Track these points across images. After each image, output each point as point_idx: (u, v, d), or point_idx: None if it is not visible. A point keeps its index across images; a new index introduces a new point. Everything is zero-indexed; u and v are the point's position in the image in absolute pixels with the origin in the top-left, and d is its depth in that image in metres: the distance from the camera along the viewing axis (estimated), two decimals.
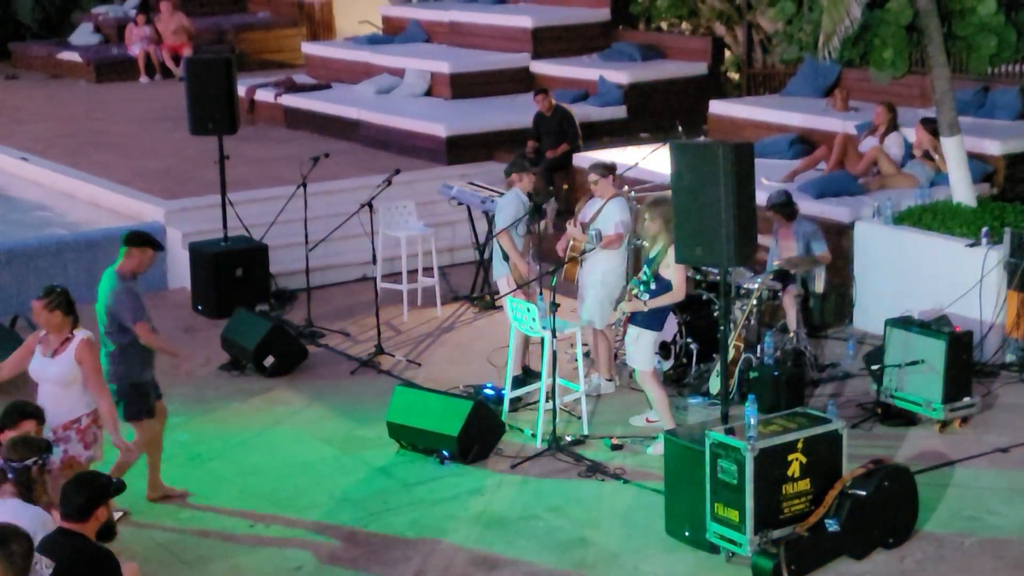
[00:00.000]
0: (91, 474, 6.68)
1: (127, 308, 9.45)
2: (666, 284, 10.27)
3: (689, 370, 11.73)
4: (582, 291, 11.56)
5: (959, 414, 10.73)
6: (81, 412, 8.76)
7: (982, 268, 11.87)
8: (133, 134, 20.22)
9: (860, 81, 16.73)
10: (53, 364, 8.80)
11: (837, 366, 12.05)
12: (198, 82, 14.14)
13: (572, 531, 9.24)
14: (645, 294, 10.32)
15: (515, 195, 11.79)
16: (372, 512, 9.58)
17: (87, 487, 6.49)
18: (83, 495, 6.44)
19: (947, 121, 12.92)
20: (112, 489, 6.59)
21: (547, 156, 16.35)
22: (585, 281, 11.49)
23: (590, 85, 18.99)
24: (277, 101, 20.81)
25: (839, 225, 13.34)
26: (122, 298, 9.49)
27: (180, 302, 14.51)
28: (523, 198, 11.76)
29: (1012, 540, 8.91)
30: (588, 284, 11.45)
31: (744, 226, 8.75)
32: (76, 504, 6.41)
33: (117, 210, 16.21)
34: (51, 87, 25.38)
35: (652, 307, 10.29)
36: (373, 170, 16.48)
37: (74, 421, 8.72)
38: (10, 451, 7.23)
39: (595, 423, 10.95)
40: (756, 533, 8.42)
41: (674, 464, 9.00)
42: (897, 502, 8.81)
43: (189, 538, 9.27)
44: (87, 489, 6.48)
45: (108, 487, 6.55)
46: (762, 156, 14.00)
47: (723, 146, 8.79)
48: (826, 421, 8.80)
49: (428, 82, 19.90)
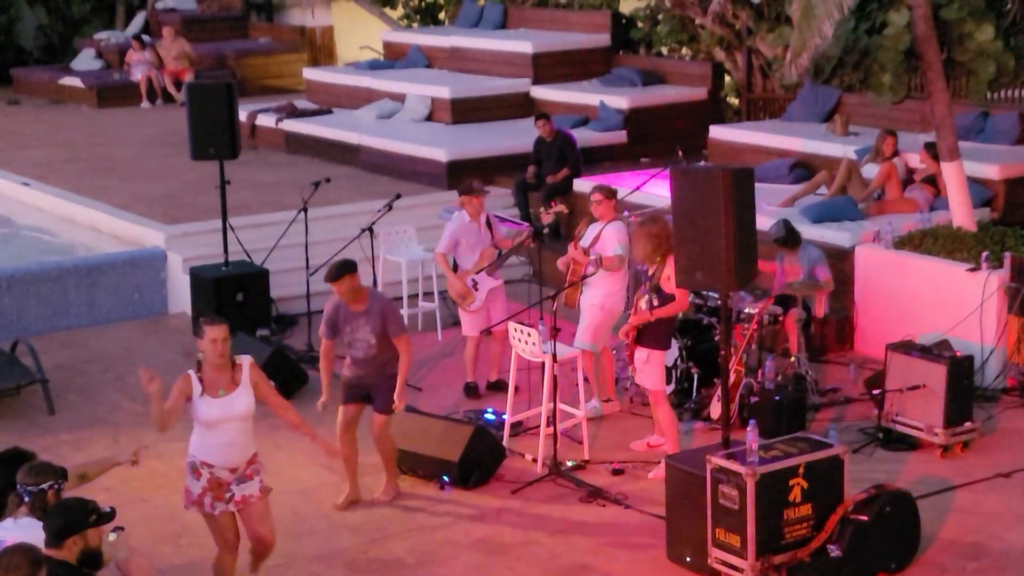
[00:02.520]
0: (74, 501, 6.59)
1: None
2: (668, 297, 10.26)
3: (690, 395, 11.72)
4: (583, 315, 11.57)
5: (960, 439, 10.72)
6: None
7: (982, 293, 11.87)
8: (134, 159, 20.26)
9: (860, 106, 16.75)
10: (238, 397, 8.26)
11: (838, 390, 12.04)
12: (199, 107, 14.17)
13: (573, 556, 9.22)
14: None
15: (458, 216, 12.35)
16: (372, 539, 9.56)
17: (63, 514, 6.43)
18: (58, 521, 6.39)
19: (947, 146, 12.94)
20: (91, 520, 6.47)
21: (548, 181, 16.37)
22: (585, 305, 11.51)
23: (591, 110, 19.03)
24: (278, 126, 20.84)
25: (840, 249, 13.35)
26: None
27: (181, 327, 14.51)
28: (466, 219, 12.25)
29: (1014, 566, 8.89)
30: (587, 308, 11.48)
31: (744, 251, 8.76)
32: (51, 530, 6.37)
33: (118, 235, 16.23)
34: (53, 112, 25.43)
35: (657, 316, 10.26)
36: (374, 195, 16.50)
37: (255, 453, 8.43)
38: (26, 476, 7.23)
39: (596, 448, 10.94)
40: (757, 558, 8.40)
41: (675, 489, 8.99)
42: (899, 527, 8.80)
43: (188, 564, 9.24)
44: (62, 517, 6.42)
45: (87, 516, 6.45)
46: (762, 181, 14.01)
47: (723, 171, 8.80)
48: (827, 446, 8.79)
49: (429, 107, 19.94)
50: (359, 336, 9.89)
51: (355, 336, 9.91)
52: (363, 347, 9.91)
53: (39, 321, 14.41)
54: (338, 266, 9.94)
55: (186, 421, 8.37)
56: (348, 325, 9.92)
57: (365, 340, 9.88)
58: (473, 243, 12.24)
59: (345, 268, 9.92)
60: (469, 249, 12.23)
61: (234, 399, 8.17)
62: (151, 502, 10.22)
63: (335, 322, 9.97)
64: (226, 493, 8.21)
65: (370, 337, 9.86)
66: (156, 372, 8.08)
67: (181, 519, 9.92)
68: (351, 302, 9.90)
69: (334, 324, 9.98)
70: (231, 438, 8.20)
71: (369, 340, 9.87)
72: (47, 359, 12.82)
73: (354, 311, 9.90)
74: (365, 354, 9.92)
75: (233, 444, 8.19)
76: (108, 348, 13.98)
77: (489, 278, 12.17)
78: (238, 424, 8.21)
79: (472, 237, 12.26)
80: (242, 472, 8.21)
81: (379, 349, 9.89)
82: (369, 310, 9.87)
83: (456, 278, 12.18)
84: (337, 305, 9.98)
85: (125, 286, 14.96)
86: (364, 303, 9.91)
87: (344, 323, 9.93)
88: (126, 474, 10.71)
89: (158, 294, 15.12)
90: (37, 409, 12.11)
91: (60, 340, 14.12)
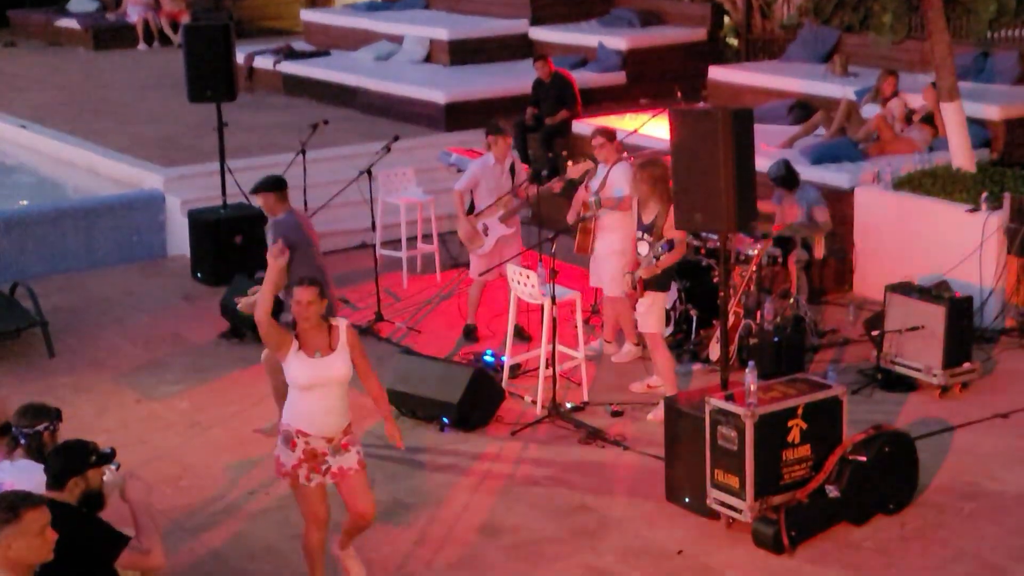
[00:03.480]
0: (74, 442, 6.61)
1: None
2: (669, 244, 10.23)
3: (689, 336, 11.74)
4: (598, 262, 11.49)
5: (959, 379, 10.74)
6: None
7: (982, 233, 11.86)
8: (131, 101, 20.20)
9: (859, 46, 16.68)
10: (335, 361, 7.67)
11: (837, 332, 12.06)
12: (196, 49, 14.09)
13: (572, 497, 9.26)
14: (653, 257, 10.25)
15: (484, 157, 12.16)
16: (373, 479, 9.58)
17: (62, 457, 6.45)
18: (59, 464, 6.41)
19: (946, 86, 12.89)
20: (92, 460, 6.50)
21: (546, 123, 16.32)
22: (603, 252, 11.36)
23: (589, 51, 18.93)
24: (275, 68, 20.76)
25: (839, 190, 13.32)
26: None
27: (179, 269, 14.51)
28: (490, 161, 11.96)
29: (1012, 506, 8.93)
30: (607, 253, 11.32)
31: (743, 192, 8.73)
32: (52, 472, 6.40)
33: (116, 177, 16.20)
34: (49, 54, 25.32)
35: (663, 267, 10.25)
36: (372, 137, 16.45)
37: (350, 423, 7.84)
38: (20, 417, 7.24)
39: (595, 390, 10.96)
40: (756, 499, 8.43)
41: (674, 430, 9.02)
42: (897, 468, 8.82)
43: (189, 505, 9.28)
44: (62, 459, 6.44)
45: (86, 458, 6.47)
46: (761, 122, 13.94)
47: (722, 112, 8.77)
48: (826, 387, 8.81)
49: (427, 48, 19.84)
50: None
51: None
52: None
53: (38, 264, 14.40)
54: (262, 181, 10.06)
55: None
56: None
57: None
58: (493, 187, 11.89)
59: (265, 185, 10.01)
60: (488, 192, 11.88)
61: (331, 362, 7.63)
62: (151, 444, 10.25)
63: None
64: (322, 465, 7.72)
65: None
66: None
67: (181, 460, 9.98)
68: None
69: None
70: (327, 404, 7.66)
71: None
72: (46, 302, 12.82)
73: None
74: None
75: (329, 411, 7.67)
76: (107, 291, 13.98)
77: (502, 225, 11.87)
78: (335, 389, 7.66)
79: (493, 181, 11.90)
80: (337, 443, 7.70)
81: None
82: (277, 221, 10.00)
83: (466, 220, 11.89)
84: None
85: (123, 229, 14.95)
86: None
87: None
88: (126, 417, 10.78)
89: (157, 237, 15.11)
90: (37, 352, 12.12)
91: (59, 283, 14.12)
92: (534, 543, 8.64)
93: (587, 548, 8.56)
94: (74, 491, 6.36)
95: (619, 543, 8.60)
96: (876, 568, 8.19)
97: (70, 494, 6.34)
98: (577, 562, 8.39)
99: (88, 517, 6.33)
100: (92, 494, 6.44)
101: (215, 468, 9.87)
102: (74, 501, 6.36)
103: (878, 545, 8.45)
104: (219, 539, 8.84)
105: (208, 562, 8.53)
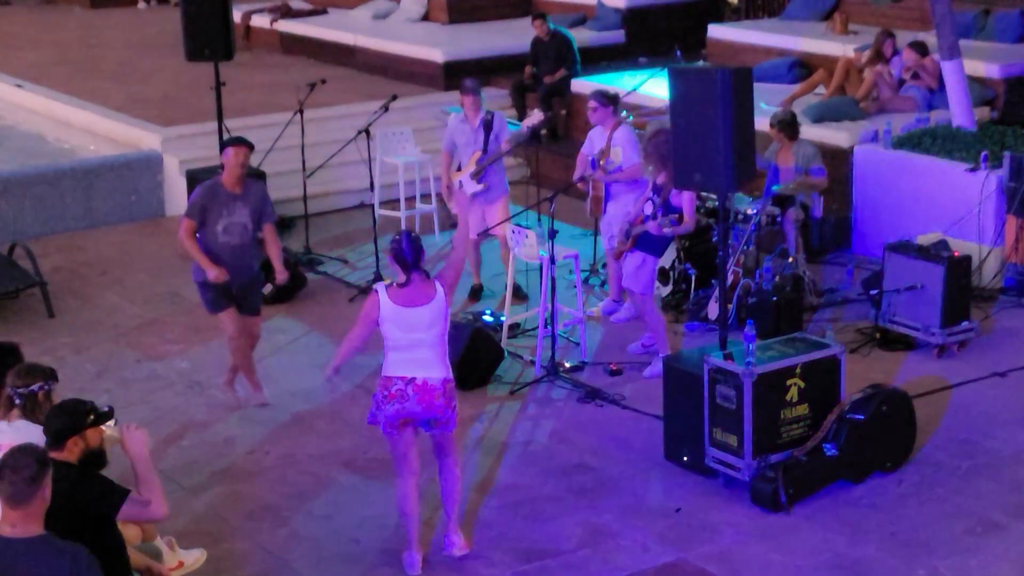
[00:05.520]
0: (71, 402, 6.62)
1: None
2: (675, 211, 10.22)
3: (687, 296, 11.74)
4: (609, 224, 11.42)
5: (957, 338, 10.75)
6: None
7: (981, 192, 11.85)
8: (128, 60, 20.12)
9: (859, 5, 16.60)
10: (434, 309, 7.68)
11: (836, 291, 12.06)
12: (193, 7, 14.01)
13: (571, 456, 9.28)
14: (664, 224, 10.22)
15: (454, 116, 12.23)
16: (371, 439, 9.60)
17: (60, 416, 6.47)
18: (57, 423, 6.43)
19: (947, 44, 12.84)
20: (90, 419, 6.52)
21: (545, 81, 16.27)
22: (616, 214, 11.29)
23: (588, 9, 18.86)
24: (273, 27, 20.68)
25: (839, 149, 13.30)
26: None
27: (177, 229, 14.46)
28: (459, 117, 12.07)
29: (1009, 464, 8.96)
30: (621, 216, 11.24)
31: (743, 151, 8.72)
32: (51, 431, 6.42)
33: (113, 137, 16.16)
34: (45, 13, 25.21)
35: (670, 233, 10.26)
36: (370, 96, 16.40)
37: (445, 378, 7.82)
38: (15, 378, 7.24)
39: (594, 349, 10.97)
40: (754, 457, 8.46)
41: (673, 389, 9.03)
42: (895, 426, 8.85)
43: (189, 464, 9.31)
44: (60, 419, 6.45)
45: (84, 417, 6.49)
46: (761, 80, 13.92)
47: (722, 71, 8.74)
48: (824, 346, 8.83)
49: (425, 7, 19.77)
50: (235, 220, 9.71)
51: (232, 220, 9.71)
52: (239, 231, 9.73)
53: (36, 224, 14.38)
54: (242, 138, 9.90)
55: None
56: (224, 207, 9.69)
57: (242, 224, 9.72)
58: (464, 144, 11.92)
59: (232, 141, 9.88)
60: (463, 150, 11.94)
61: (430, 310, 7.65)
62: (151, 403, 10.27)
63: (204, 207, 9.71)
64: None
65: (247, 221, 9.72)
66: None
67: (182, 420, 10.01)
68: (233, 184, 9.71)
69: (203, 209, 9.72)
70: (425, 355, 7.68)
71: (246, 224, 9.73)
72: (45, 262, 12.82)
73: (231, 192, 9.73)
74: (241, 240, 9.73)
75: (431, 364, 7.69)
76: (106, 251, 13.97)
77: (472, 182, 11.81)
78: (435, 336, 7.70)
79: (464, 137, 11.94)
80: (427, 400, 7.72)
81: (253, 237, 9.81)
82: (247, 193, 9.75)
83: (445, 177, 12.04)
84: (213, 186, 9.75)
85: (121, 189, 14.92)
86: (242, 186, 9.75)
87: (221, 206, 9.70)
88: (126, 376, 10.79)
89: (155, 196, 15.09)
90: (36, 312, 12.12)
91: (57, 243, 14.11)
92: (532, 501, 8.67)
93: (586, 506, 8.59)
94: (73, 450, 6.38)
95: (617, 501, 8.63)
96: (873, 525, 8.22)
97: (70, 453, 6.36)
98: (576, 520, 8.41)
99: (86, 473, 6.35)
100: (93, 453, 6.46)
101: (215, 427, 9.89)
102: (75, 460, 6.38)
103: (876, 503, 8.48)
104: (218, 498, 8.87)
105: (208, 520, 8.56)
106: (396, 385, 7.68)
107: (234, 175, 9.66)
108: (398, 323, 7.63)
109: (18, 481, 5.53)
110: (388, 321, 7.66)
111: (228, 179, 9.69)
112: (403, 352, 7.68)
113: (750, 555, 7.98)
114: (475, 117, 11.94)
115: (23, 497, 5.54)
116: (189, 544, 7.96)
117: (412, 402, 7.68)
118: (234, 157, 9.63)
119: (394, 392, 7.68)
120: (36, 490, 5.56)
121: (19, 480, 5.53)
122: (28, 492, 5.54)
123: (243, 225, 9.68)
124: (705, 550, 8.04)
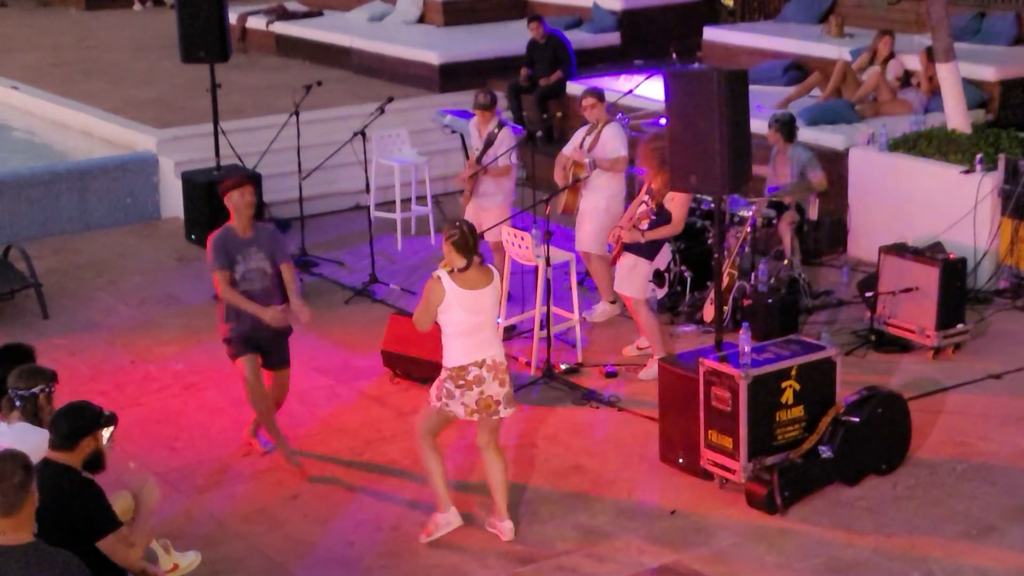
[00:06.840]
0: (82, 403, 6.65)
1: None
2: (667, 216, 10.24)
3: (683, 298, 11.74)
4: (581, 218, 11.51)
5: (952, 341, 10.75)
6: None
7: (976, 195, 11.85)
8: (124, 62, 20.12)
9: (855, 7, 16.63)
10: (498, 289, 8.06)
11: (831, 293, 12.07)
12: (189, 10, 14.00)
13: (566, 458, 9.28)
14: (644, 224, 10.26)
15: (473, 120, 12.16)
16: (367, 440, 9.61)
17: (73, 416, 6.47)
18: (68, 424, 6.43)
19: (942, 47, 12.84)
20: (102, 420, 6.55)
21: (540, 84, 16.28)
22: (586, 208, 11.44)
23: (584, 12, 18.87)
24: (268, 29, 20.67)
25: (834, 152, 13.30)
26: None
27: (173, 231, 14.50)
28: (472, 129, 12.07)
29: (1004, 466, 8.96)
30: (590, 211, 11.40)
31: (738, 153, 8.71)
32: (61, 433, 6.41)
33: (109, 139, 16.15)
34: (41, 14, 25.20)
35: (649, 238, 10.27)
36: (366, 98, 16.41)
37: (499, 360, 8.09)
38: (17, 380, 7.24)
39: (589, 351, 10.97)
40: (749, 460, 8.46)
41: (668, 391, 9.03)
42: (890, 428, 8.85)
43: (184, 467, 9.29)
44: (73, 419, 6.46)
45: (96, 418, 6.52)
46: (756, 83, 13.94)
47: (717, 73, 8.74)
48: (820, 348, 8.83)
49: (421, 9, 19.77)
50: (252, 266, 9.02)
51: (248, 267, 9.00)
52: (258, 277, 9.05)
53: (31, 226, 14.38)
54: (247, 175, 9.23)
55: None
56: (239, 253, 8.98)
57: (260, 269, 9.03)
58: (473, 150, 11.99)
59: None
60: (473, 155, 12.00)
61: (492, 291, 7.96)
62: (146, 405, 10.26)
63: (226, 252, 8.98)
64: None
65: (265, 265, 9.03)
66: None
67: (175, 422, 9.99)
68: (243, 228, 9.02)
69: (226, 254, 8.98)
70: (488, 336, 7.97)
71: (265, 269, 9.04)
72: (40, 264, 12.81)
73: (244, 238, 9.01)
74: (262, 285, 9.05)
75: (492, 343, 7.99)
76: (101, 253, 13.96)
77: (478, 191, 11.78)
78: (493, 318, 8.03)
79: (474, 144, 12.04)
80: (500, 376, 8.02)
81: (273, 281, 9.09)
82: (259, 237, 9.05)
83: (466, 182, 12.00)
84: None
85: (117, 191, 14.92)
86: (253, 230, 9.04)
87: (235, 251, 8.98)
88: (121, 379, 10.78)
89: (150, 198, 15.08)
90: (31, 314, 12.12)
91: (52, 245, 14.10)
92: (528, 503, 8.66)
93: (581, 508, 8.59)
94: (85, 451, 6.40)
95: (613, 504, 8.63)
96: (869, 528, 8.22)
97: (81, 453, 6.38)
98: (571, 522, 8.41)
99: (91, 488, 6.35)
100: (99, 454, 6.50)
101: (210, 430, 9.88)
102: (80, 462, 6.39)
103: (871, 505, 8.48)
104: (214, 501, 8.85)
105: (203, 523, 8.54)
106: (471, 373, 7.93)
107: (245, 216, 8.96)
108: (465, 306, 7.84)
109: (8, 489, 5.49)
110: (455, 305, 7.84)
111: (239, 223, 8.99)
112: (469, 337, 7.91)
113: (745, 557, 7.97)
114: (484, 130, 11.92)
115: (13, 505, 5.51)
116: (184, 547, 7.94)
117: (490, 384, 7.98)
118: (240, 197, 8.95)
119: (471, 379, 7.93)
120: (25, 496, 5.53)
121: (9, 488, 5.49)
122: (18, 499, 5.50)
123: (262, 270, 9.02)
124: (700, 552, 8.04)
